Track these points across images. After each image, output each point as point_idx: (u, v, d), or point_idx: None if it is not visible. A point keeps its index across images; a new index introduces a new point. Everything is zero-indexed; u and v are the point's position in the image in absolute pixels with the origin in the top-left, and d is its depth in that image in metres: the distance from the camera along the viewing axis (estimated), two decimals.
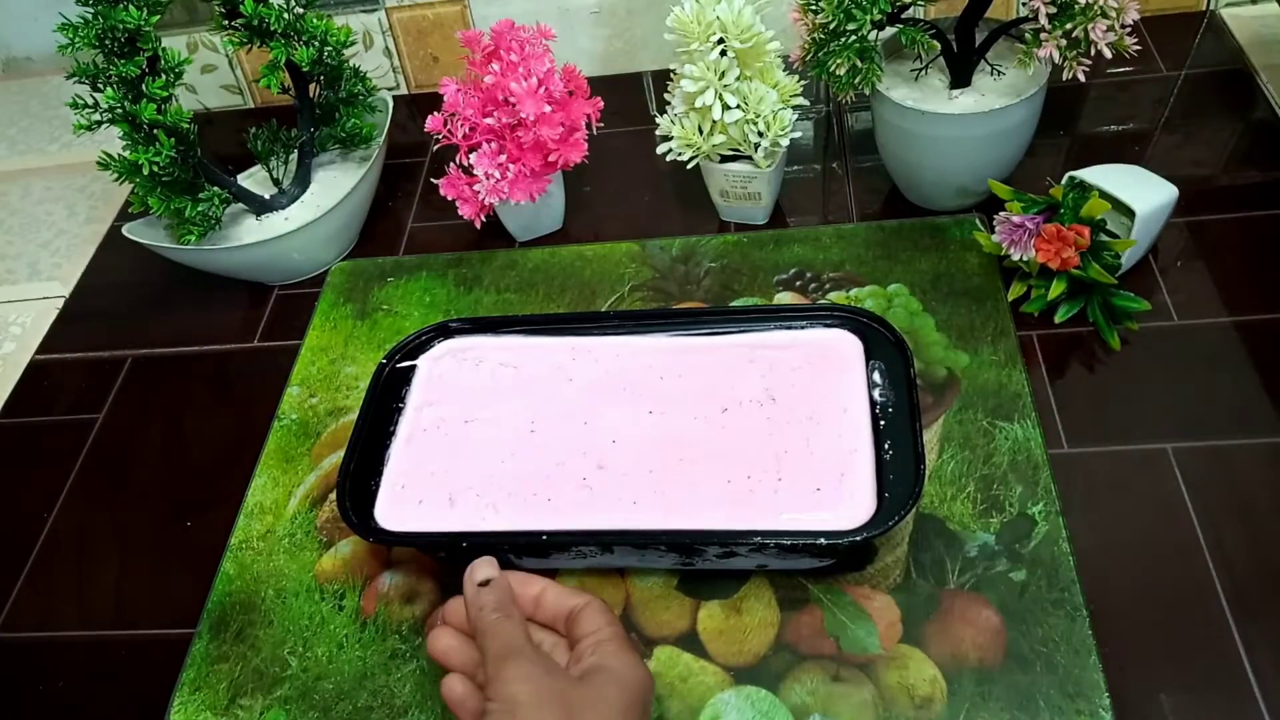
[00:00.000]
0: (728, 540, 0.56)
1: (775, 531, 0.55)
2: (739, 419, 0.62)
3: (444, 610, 0.53)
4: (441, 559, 0.63)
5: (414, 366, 0.68)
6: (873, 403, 0.61)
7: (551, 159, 0.76)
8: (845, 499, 0.56)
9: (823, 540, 0.54)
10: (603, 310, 0.75)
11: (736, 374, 0.64)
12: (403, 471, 0.62)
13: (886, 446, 0.58)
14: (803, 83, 0.75)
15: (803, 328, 0.66)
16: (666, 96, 0.77)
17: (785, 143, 0.74)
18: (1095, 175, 0.69)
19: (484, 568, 0.51)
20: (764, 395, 0.63)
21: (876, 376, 0.62)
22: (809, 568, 0.59)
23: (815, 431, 0.60)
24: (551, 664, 0.48)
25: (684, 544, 0.57)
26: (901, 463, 0.57)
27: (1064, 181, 0.69)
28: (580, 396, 0.64)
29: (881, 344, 0.63)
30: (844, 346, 0.64)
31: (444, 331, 0.69)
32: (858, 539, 0.54)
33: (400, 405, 0.66)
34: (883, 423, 0.59)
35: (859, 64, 0.68)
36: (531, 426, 0.63)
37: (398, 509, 0.60)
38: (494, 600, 0.50)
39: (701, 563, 0.59)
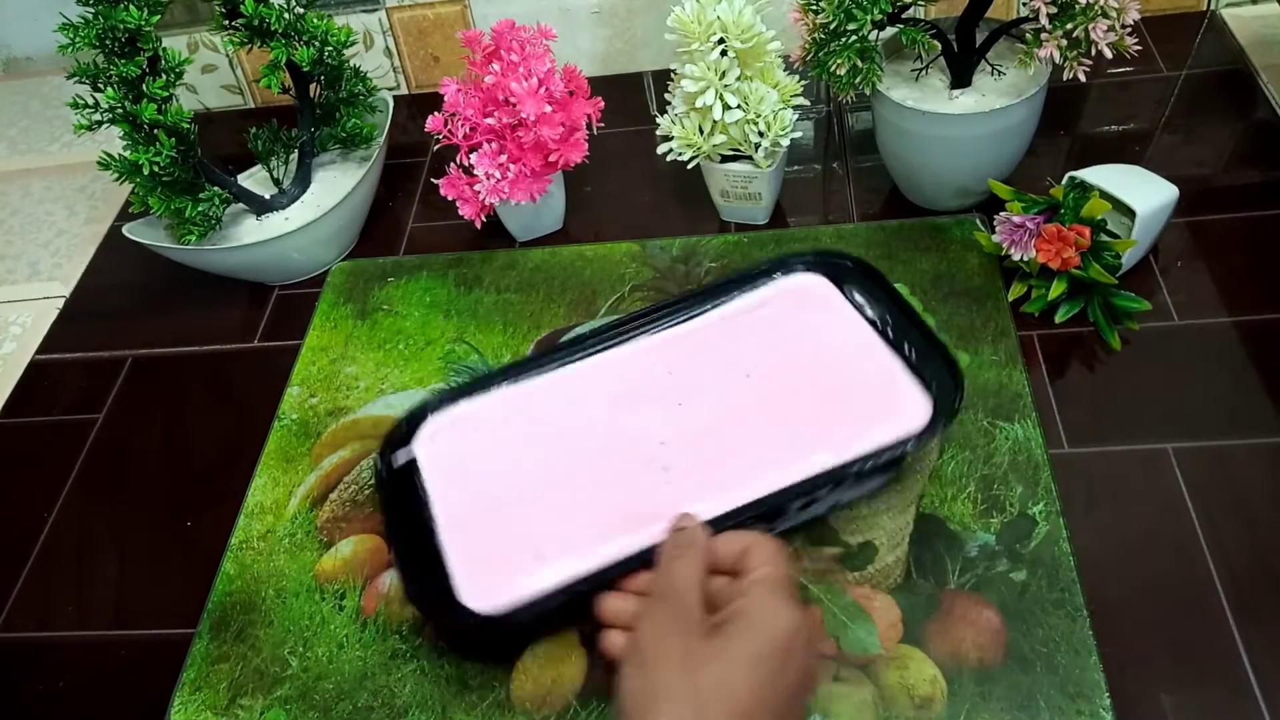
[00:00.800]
0: (819, 484, 0.57)
1: (868, 454, 0.57)
2: (763, 381, 0.62)
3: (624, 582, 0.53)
4: (563, 618, 0.59)
5: (413, 460, 0.63)
6: (869, 320, 0.63)
7: (552, 159, 0.76)
8: (903, 405, 0.58)
9: (910, 445, 0.56)
10: (570, 339, 0.70)
11: (735, 343, 0.65)
12: (467, 555, 0.58)
13: (906, 349, 0.60)
14: (803, 83, 0.75)
15: (767, 283, 0.67)
16: (667, 96, 0.77)
17: (786, 143, 0.74)
18: (1096, 175, 0.69)
19: (683, 518, 0.53)
20: (771, 352, 0.63)
21: (858, 297, 0.64)
22: (877, 486, 0.61)
23: (838, 364, 0.61)
24: (687, 614, 0.47)
25: (775, 506, 0.57)
26: (928, 355, 0.59)
27: (1064, 181, 0.69)
28: (607, 418, 0.63)
29: (846, 273, 0.65)
30: (815, 287, 0.66)
31: (424, 413, 0.64)
32: (948, 420, 0.57)
33: (422, 496, 0.61)
34: (889, 332, 0.61)
35: (859, 64, 0.68)
36: (570, 463, 0.61)
37: (487, 591, 0.56)
38: (673, 543, 0.51)
39: (783, 523, 0.59)
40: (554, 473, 0.61)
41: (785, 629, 0.46)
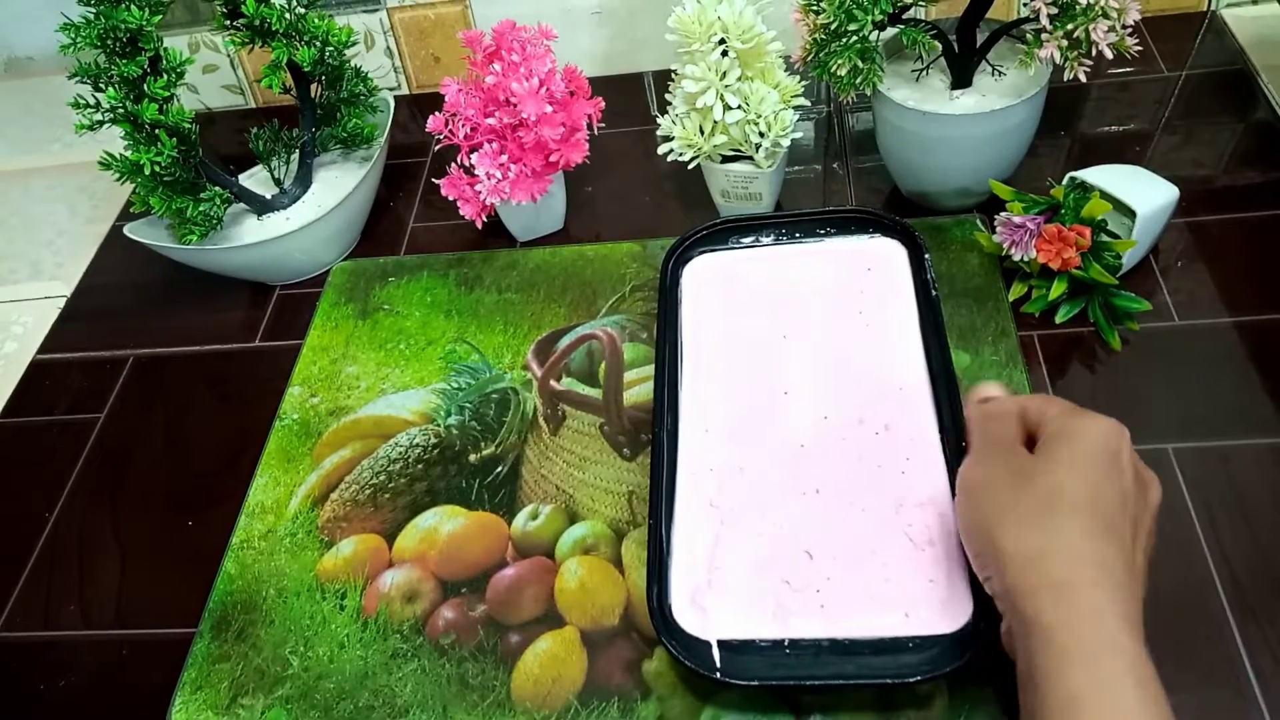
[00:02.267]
0: None
1: None
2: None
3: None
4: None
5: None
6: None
7: (553, 159, 0.76)
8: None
9: None
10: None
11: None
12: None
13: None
14: (804, 83, 0.75)
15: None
16: (668, 97, 0.77)
17: (786, 143, 0.74)
18: (1096, 176, 0.69)
19: (989, 388, 0.55)
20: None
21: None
22: None
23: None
24: (1008, 452, 0.50)
25: None
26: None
27: (1065, 182, 0.69)
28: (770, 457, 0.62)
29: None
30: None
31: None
32: None
33: None
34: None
35: (860, 64, 0.68)
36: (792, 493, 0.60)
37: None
38: (982, 409, 0.53)
39: None
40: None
41: (1102, 433, 0.48)
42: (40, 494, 0.73)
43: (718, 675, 0.52)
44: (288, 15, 0.77)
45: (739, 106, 0.72)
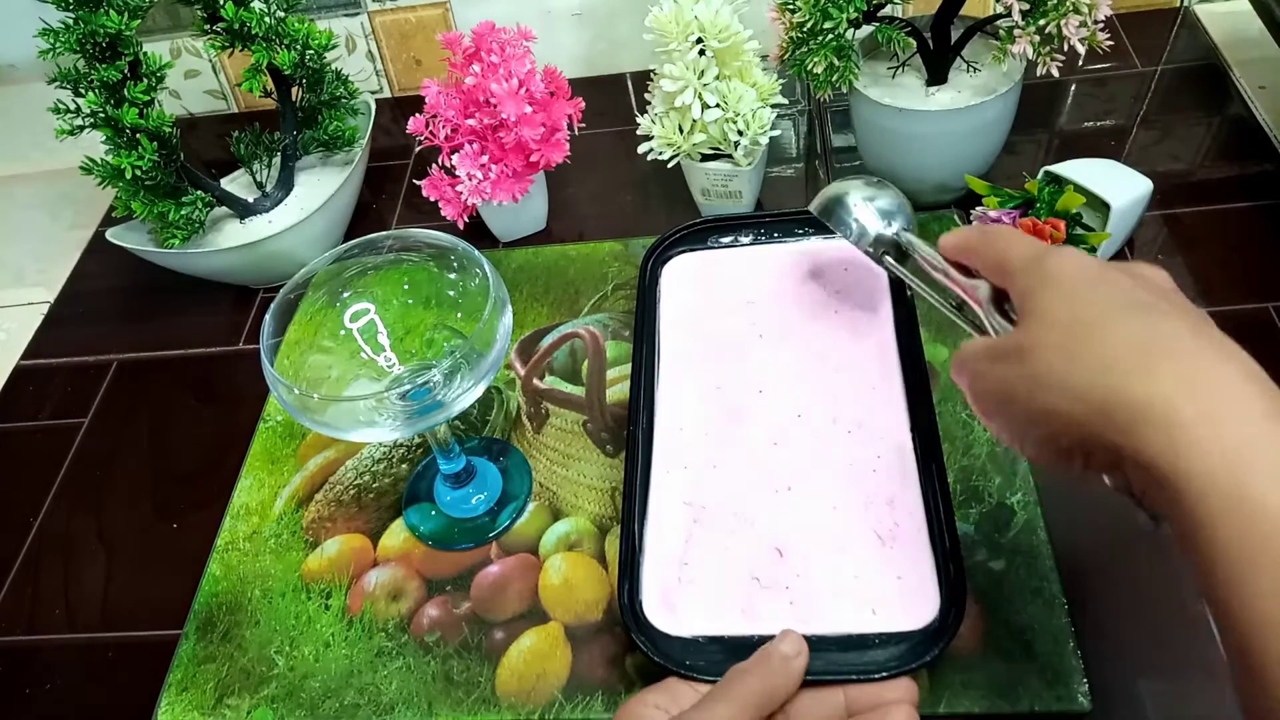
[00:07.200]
0: None
1: None
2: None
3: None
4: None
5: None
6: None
7: (533, 159, 0.77)
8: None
9: None
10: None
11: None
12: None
13: None
14: (781, 81, 0.75)
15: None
16: (646, 96, 0.78)
17: (765, 141, 0.75)
18: (1070, 169, 0.69)
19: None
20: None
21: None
22: None
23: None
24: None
25: None
26: None
27: (1039, 176, 0.69)
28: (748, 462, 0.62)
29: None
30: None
31: None
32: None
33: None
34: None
35: (836, 62, 0.69)
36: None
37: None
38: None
39: None
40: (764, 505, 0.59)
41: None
42: (25, 499, 0.73)
43: (685, 671, 0.52)
44: (267, 19, 0.77)
45: (717, 105, 0.73)
